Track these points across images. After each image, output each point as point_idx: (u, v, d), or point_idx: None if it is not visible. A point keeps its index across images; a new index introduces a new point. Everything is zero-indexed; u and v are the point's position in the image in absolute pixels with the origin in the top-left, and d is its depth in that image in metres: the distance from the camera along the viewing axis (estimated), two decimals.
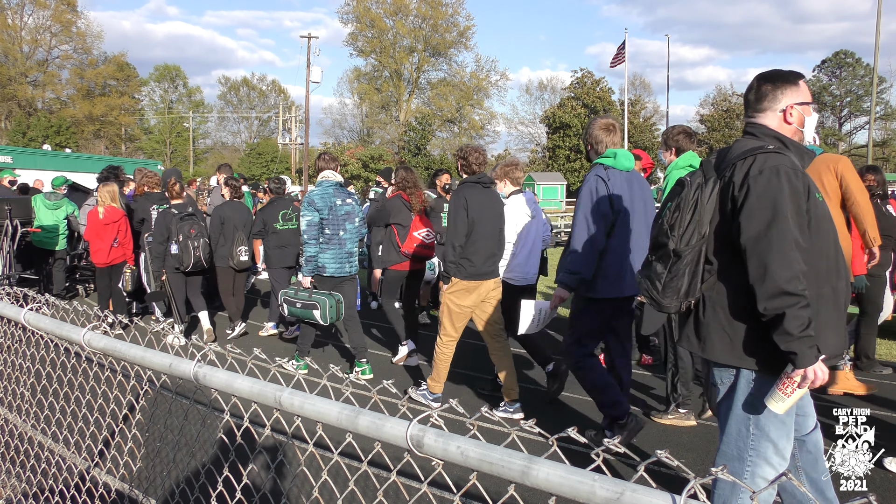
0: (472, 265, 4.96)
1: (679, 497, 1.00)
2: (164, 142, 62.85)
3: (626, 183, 4.16)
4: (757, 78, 2.59)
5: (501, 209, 5.25)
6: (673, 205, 2.51)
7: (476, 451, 1.25)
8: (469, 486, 1.38)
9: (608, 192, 4.04)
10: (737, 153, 2.42)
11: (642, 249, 4.13)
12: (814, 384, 2.24)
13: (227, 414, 1.99)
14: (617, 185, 4.08)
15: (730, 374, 2.48)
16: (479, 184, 5.08)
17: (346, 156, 45.32)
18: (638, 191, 4.25)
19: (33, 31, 53.54)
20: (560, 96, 57.91)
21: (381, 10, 58.00)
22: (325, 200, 5.91)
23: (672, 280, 2.50)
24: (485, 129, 61.22)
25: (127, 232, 7.87)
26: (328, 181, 6.06)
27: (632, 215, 4.16)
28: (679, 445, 4.46)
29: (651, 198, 4.43)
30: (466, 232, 4.90)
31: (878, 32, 27.69)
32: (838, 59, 58.71)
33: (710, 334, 2.49)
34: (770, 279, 2.23)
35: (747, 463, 2.45)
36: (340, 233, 5.98)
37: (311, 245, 5.89)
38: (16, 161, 21.80)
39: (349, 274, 6.10)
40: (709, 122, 55.65)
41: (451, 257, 4.91)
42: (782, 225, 2.25)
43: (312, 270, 5.93)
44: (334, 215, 5.95)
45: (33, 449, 3.66)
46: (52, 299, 2.99)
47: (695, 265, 2.48)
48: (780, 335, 2.23)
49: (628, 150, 4.32)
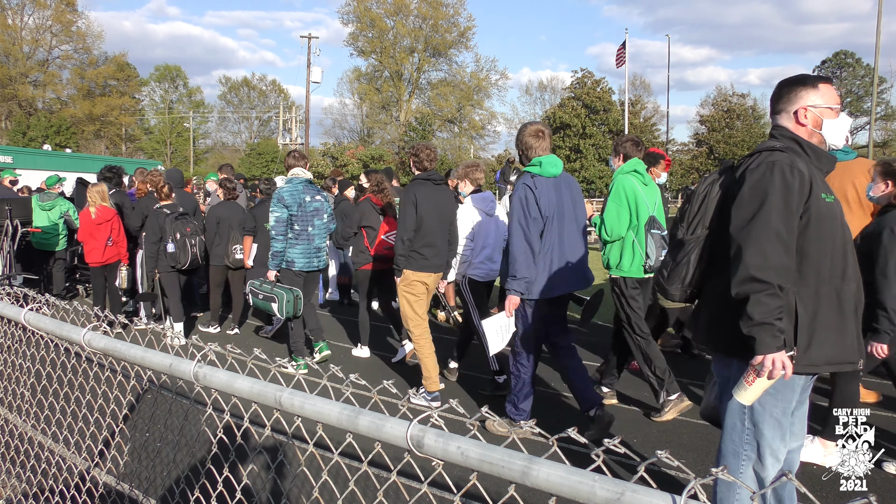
0: (423, 258, 5.28)
1: (679, 497, 1.00)
2: (164, 142, 62.82)
3: (554, 188, 4.39)
4: (779, 82, 2.66)
5: (452, 206, 5.52)
6: (685, 200, 2.66)
7: (476, 451, 1.25)
8: (469, 487, 1.38)
9: (536, 200, 4.28)
10: (749, 153, 2.53)
11: (574, 249, 4.45)
12: (772, 375, 2.27)
13: (228, 414, 1.99)
14: (544, 192, 4.31)
15: (726, 366, 2.53)
16: (430, 181, 5.37)
17: (346, 156, 45.29)
18: (566, 194, 4.47)
19: (34, 31, 53.51)
20: (560, 96, 57.87)
21: (382, 11, 57.97)
22: (294, 197, 6.09)
23: (677, 267, 2.63)
24: (485, 129, 61.21)
25: (120, 231, 7.92)
26: (298, 178, 6.23)
27: (561, 218, 4.39)
28: (679, 446, 4.46)
29: (581, 200, 4.66)
30: (415, 227, 5.20)
31: (879, 33, 27.69)
32: (839, 60, 58.66)
33: (708, 325, 2.58)
34: (742, 265, 2.31)
35: (742, 459, 2.47)
36: (309, 228, 6.17)
37: (278, 240, 6.06)
38: (16, 161, 21.80)
39: (316, 268, 6.34)
40: (709, 122, 55.56)
41: (401, 250, 5.22)
42: (765, 216, 2.32)
43: (278, 265, 6.13)
44: (303, 211, 6.13)
45: (33, 449, 3.66)
46: (53, 299, 2.99)
47: (698, 255, 2.58)
48: (743, 320, 2.30)
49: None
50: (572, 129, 51.83)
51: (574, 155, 51.75)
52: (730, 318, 2.41)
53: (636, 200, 4.94)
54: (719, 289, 2.50)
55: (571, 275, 4.41)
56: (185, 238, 7.16)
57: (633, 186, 4.97)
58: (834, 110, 2.53)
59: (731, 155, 51.73)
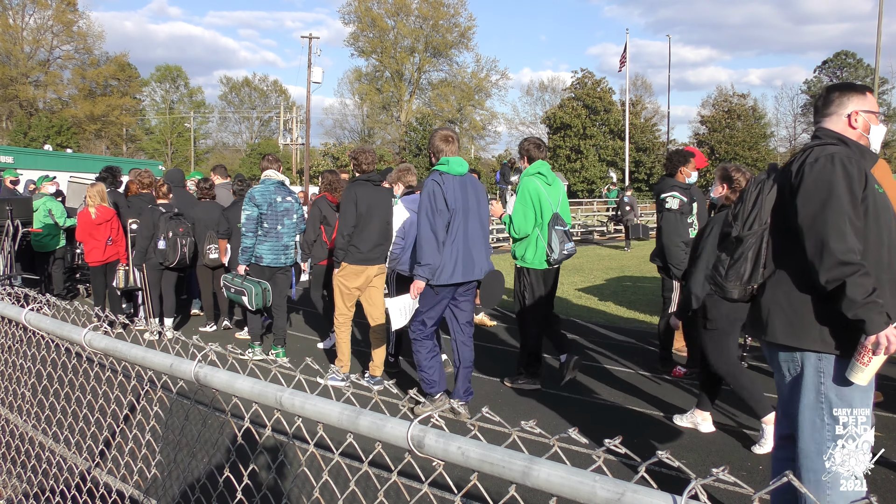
0: (360, 252, 5.73)
1: (680, 497, 1.00)
2: (165, 142, 62.89)
3: (460, 185, 4.84)
4: (826, 87, 2.77)
5: (389, 204, 5.96)
6: (737, 199, 2.73)
7: (477, 451, 1.25)
8: (470, 487, 1.38)
9: (443, 194, 4.72)
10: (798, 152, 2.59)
11: (476, 242, 4.91)
12: (888, 350, 2.30)
13: (228, 414, 1.99)
14: (450, 188, 4.77)
15: (795, 360, 2.54)
16: (370, 182, 5.85)
17: (346, 156, 45.28)
18: (471, 191, 4.93)
19: (35, 32, 53.55)
20: (561, 97, 57.85)
21: (383, 11, 58.02)
22: (264, 197, 6.49)
23: (735, 264, 2.67)
24: (486, 130, 61.27)
25: (120, 230, 8.00)
26: (270, 180, 6.63)
27: (465, 212, 4.84)
28: (680, 446, 4.46)
29: (485, 199, 5.07)
30: (354, 223, 5.65)
31: (880, 33, 27.66)
32: (839, 60, 58.64)
33: (771, 318, 2.58)
34: (828, 252, 2.35)
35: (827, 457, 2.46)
36: (278, 227, 6.55)
37: (248, 237, 6.45)
38: (17, 161, 21.78)
39: (284, 265, 6.66)
40: (709, 122, 55.54)
41: (341, 244, 5.70)
42: (836, 203, 2.38)
43: (248, 260, 6.50)
44: (273, 211, 6.51)
45: (34, 449, 3.66)
46: (53, 299, 2.99)
47: (757, 250, 2.62)
48: (846, 304, 2.32)
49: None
50: (573, 129, 51.83)
51: (574, 155, 51.77)
52: (801, 311, 2.47)
53: (540, 200, 5.45)
54: (784, 282, 2.55)
55: (473, 264, 4.89)
56: (176, 237, 7.32)
57: (537, 187, 5.46)
58: (877, 117, 2.66)
59: (732, 155, 51.70)
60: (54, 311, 2.93)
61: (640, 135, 51.92)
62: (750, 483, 3.83)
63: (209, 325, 8.24)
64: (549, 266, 5.53)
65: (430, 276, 4.75)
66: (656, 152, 52.19)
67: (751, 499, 1.01)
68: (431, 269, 4.73)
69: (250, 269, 6.53)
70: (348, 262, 5.74)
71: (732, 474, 1.00)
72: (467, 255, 4.84)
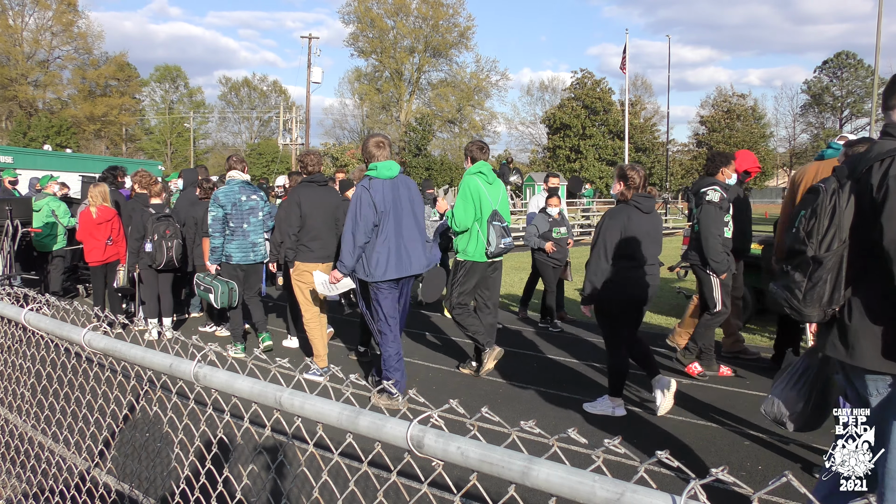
0: (310, 251, 6.06)
1: (679, 497, 1.00)
2: (164, 142, 62.85)
3: (390, 187, 5.17)
4: (893, 76, 2.49)
5: (336, 203, 6.31)
6: (808, 212, 2.46)
7: (476, 451, 1.25)
8: (469, 487, 1.38)
9: (371, 199, 5.06)
10: (874, 154, 2.34)
11: (411, 238, 5.24)
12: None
13: (228, 414, 1.99)
14: (379, 191, 5.10)
15: (885, 382, 2.37)
16: (314, 183, 6.15)
17: (346, 156, 45.28)
18: (405, 192, 5.27)
19: (35, 32, 53.45)
20: (560, 97, 57.84)
21: (382, 11, 57.98)
22: (228, 197, 6.67)
23: (813, 288, 2.43)
24: (485, 130, 61.21)
25: (120, 230, 8.02)
26: (235, 180, 6.80)
27: (397, 212, 5.18)
28: (680, 447, 4.46)
29: (419, 198, 5.43)
30: (299, 224, 5.99)
31: (879, 33, 27.68)
32: (839, 60, 58.65)
33: (858, 340, 2.38)
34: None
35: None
36: (244, 225, 6.73)
37: (215, 237, 6.66)
38: (16, 161, 21.78)
39: (254, 262, 6.85)
40: (709, 122, 55.55)
41: (289, 244, 6.06)
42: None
43: (217, 259, 6.72)
44: (238, 210, 6.69)
45: (33, 449, 3.66)
46: (53, 299, 2.99)
47: (837, 271, 2.40)
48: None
49: None
50: (572, 129, 51.82)
51: (574, 155, 51.76)
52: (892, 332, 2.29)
53: (479, 197, 5.85)
54: (870, 301, 2.36)
55: (408, 260, 5.22)
56: (161, 239, 7.32)
57: (477, 185, 5.87)
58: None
59: None
60: (54, 311, 2.93)
61: (639, 135, 51.91)
62: (749, 483, 3.83)
63: (209, 326, 8.24)
64: (487, 258, 5.93)
65: (346, 273, 5.25)
66: (655, 152, 52.18)
67: (750, 499, 1.01)
68: (346, 268, 5.18)
69: (222, 267, 6.75)
70: (300, 261, 6.08)
71: (732, 474, 1.00)
72: (400, 252, 5.17)
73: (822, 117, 61.03)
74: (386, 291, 5.21)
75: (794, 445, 4.45)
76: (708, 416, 5.03)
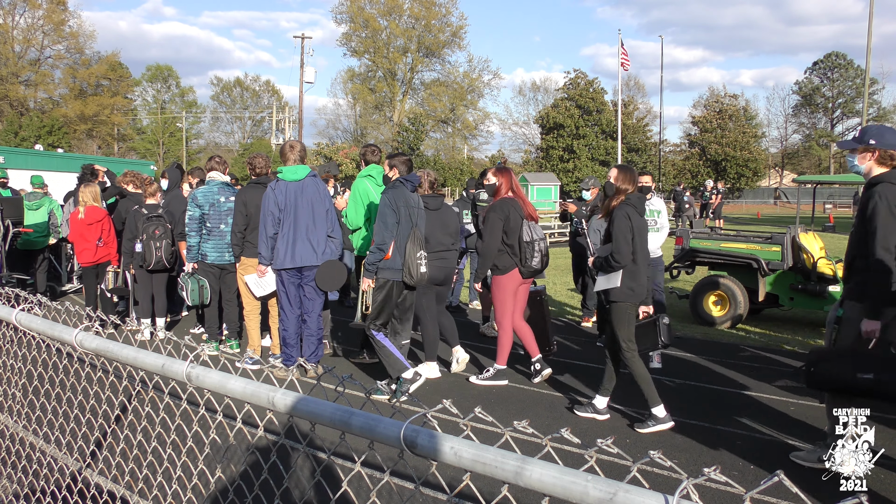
0: (254, 247, 6.26)
1: (672, 497, 1.00)
2: (156, 142, 62.59)
3: (294, 189, 5.80)
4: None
5: None
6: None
7: (469, 451, 1.25)
8: (462, 487, 1.38)
9: (275, 198, 5.76)
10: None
11: (312, 233, 5.82)
12: None
13: (220, 414, 1.99)
14: (282, 192, 5.79)
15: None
16: (261, 184, 6.40)
17: (339, 156, 45.16)
18: (312, 192, 5.86)
19: (25, 31, 53.11)
20: (553, 97, 57.89)
21: (375, 11, 57.92)
22: (207, 198, 6.83)
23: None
24: (478, 130, 61.25)
25: (110, 231, 7.95)
26: (214, 181, 6.95)
27: (295, 211, 5.77)
28: (672, 446, 4.47)
29: (320, 196, 5.90)
30: (245, 223, 6.36)
31: (870, 34, 27.84)
32: (830, 61, 58.98)
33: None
34: None
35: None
36: (221, 226, 6.86)
37: (191, 236, 6.85)
38: (7, 161, 21.58)
39: (230, 262, 6.91)
40: (701, 123, 55.69)
41: (236, 241, 6.44)
42: None
43: (194, 258, 6.92)
44: (216, 211, 6.84)
45: (25, 450, 3.63)
46: (44, 300, 2.97)
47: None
48: None
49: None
50: (565, 129, 51.89)
51: (567, 155, 51.84)
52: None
53: (369, 198, 6.34)
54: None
55: (306, 252, 5.81)
56: (150, 240, 7.28)
57: (367, 188, 6.39)
58: None
59: (723, 156, 51.82)
60: (45, 312, 2.92)
61: (632, 135, 52.00)
62: (741, 483, 3.85)
63: (197, 327, 8.13)
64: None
65: (265, 264, 5.97)
66: (648, 152, 52.29)
67: (742, 498, 1.01)
68: (263, 258, 5.92)
69: (199, 266, 6.92)
70: (245, 256, 6.43)
71: (724, 474, 1.00)
72: (298, 246, 5.79)
73: (813, 117, 61.35)
74: (287, 278, 5.88)
75: (786, 445, 4.46)
76: (700, 415, 5.05)
